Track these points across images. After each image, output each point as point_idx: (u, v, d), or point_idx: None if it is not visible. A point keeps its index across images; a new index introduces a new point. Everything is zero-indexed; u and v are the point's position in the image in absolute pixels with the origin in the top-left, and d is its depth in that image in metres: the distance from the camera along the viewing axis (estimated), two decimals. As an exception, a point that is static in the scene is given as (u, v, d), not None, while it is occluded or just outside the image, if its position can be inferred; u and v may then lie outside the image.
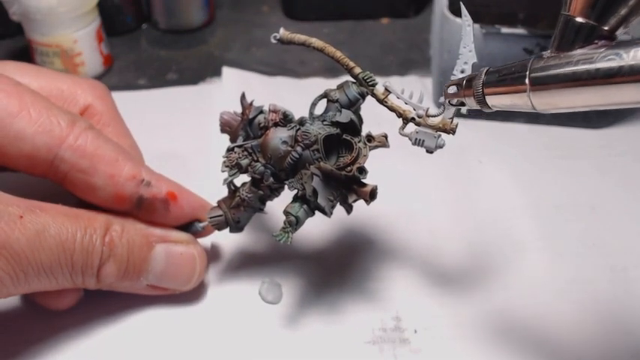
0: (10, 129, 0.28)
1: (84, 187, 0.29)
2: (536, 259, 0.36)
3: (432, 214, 0.39)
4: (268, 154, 0.30)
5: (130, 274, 0.30)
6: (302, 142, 0.29)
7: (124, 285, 0.30)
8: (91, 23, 0.49)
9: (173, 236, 0.31)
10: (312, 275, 0.35)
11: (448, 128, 0.28)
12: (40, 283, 0.27)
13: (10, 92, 0.28)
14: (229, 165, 0.31)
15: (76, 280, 0.28)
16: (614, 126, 0.46)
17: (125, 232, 0.29)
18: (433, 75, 0.49)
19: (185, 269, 0.31)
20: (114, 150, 0.30)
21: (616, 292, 0.34)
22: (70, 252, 0.27)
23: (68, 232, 0.27)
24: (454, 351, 0.32)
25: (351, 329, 0.32)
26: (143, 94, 0.49)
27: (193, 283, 0.32)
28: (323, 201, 0.29)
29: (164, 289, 0.32)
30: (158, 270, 0.31)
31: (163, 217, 0.31)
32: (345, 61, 0.29)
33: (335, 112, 0.30)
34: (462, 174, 0.42)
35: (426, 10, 0.60)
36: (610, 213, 0.39)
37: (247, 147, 0.31)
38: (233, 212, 0.32)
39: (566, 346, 0.32)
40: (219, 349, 0.31)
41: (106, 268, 0.29)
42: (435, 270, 0.35)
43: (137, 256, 0.30)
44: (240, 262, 0.35)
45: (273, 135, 0.30)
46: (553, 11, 0.47)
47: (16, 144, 0.28)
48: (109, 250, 0.28)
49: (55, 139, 0.28)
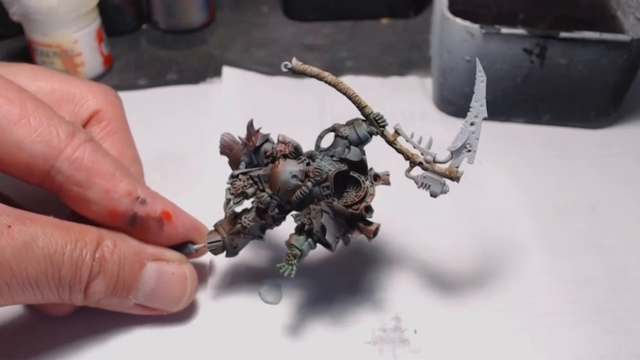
0: (8, 137, 0.27)
1: (78, 200, 0.29)
2: (536, 259, 0.36)
3: (431, 214, 0.39)
4: (277, 186, 0.30)
5: (119, 291, 0.29)
6: (313, 178, 0.29)
7: (112, 303, 0.29)
8: (91, 23, 0.49)
9: (166, 255, 0.31)
10: (312, 276, 0.35)
11: (454, 176, 0.29)
12: (24, 296, 0.26)
13: (13, 99, 0.28)
14: (234, 193, 0.30)
15: (62, 295, 0.27)
16: (614, 126, 0.46)
17: (117, 248, 0.29)
18: (433, 75, 0.49)
19: (176, 289, 0.31)
20: (111, 164, 0.29)
21: (616, 292, 0.34)
22: (58, 265, 0.27)
23: (57, 245, 0.27)
24: (454, 351, 0.32)
25: (350, 329, 0.32)
26: (143, 94, 0.49)
27: (182, 305, 0.32)
28: (330, 238, 0.29)
29: (152, 310, 0.31)
30: (148, 289, 0.30)
31: (157, 237, 0.30)
32: (357, 100, 0.29)
33: (343, 148, 0.30)
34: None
35: (426, 10, 0.60)
36: (610, 213, 0.39)
37: (253, 176, 0.30)
38: (232, 238, 0.31)
39: (566, 346, 0.32)
40: (219, 348, 0.31)
41: (94, 284, 0.28)
42: (434, 270, 0.36)
43: (128, 273, 0.29)
44: (241, 263, 0.35)
45: (283, 168, 0.30)
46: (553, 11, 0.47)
47: (13, 152, 0.27)
48: (99, 265, 0.28)
49: (52, 150, 0.28)
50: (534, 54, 0.42)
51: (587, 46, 0.41)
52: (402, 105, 0.48)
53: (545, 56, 0.42)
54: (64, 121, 0.29)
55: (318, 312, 0.33)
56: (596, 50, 0.41)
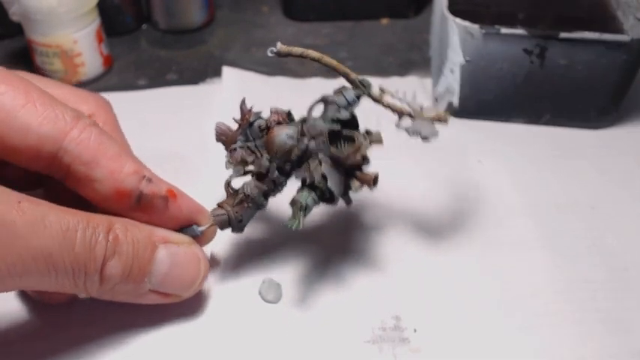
0: (16, 120, 0.28)
1: (85, 180, 0.29)
2: (536, 258, 0.36)
3: (431, 214, 0.39)
4: (274, 150, 0.30)
5: (135, 274, 0.29)
6: (309, 134, 0.30)
7: (127, 289, 0.29)
8: (90, 23, 0.49)
9: (175, 237, 0.31)
10: (312, 274, 0.35)
11: (443, 118, 0.31)
12: (38, 276, 0.26)
13: (17, 86, 0.28)
14: (234, 162, 0.31)
15: (78, 278, 0.27)
16: (614, 126, 0.46)
17: (129, 231, 0.29)
18: (433, 75, 0.49)
19: (189, 271, 0.31)
20: (117, 146, 0.30)
21: (616, 292, 0.34)
22: (71, 242, 0.26)
23: (69, 223, 0.26)
24: (454, 351, 0.32)
25: (350, 328, 0.32)
26: (143, 94, 0.49)
27: (196, 287, 0.32)
28: (333, 186, 0.30)
29: (166, 296, 0.31)
30: (162, 271, 0.30)
31: (162, 215, 0.31)
32: (341, 68, 0.31)
33: (334, 111, 0.31)
34: (462, 174, 0.42)
35: (426, 10, 0.60)
36: (610, 213, 0.39)
37: (250, 146, 0.31)
38: (236, 210, 0.32)
39: (566, 346, 0.32)
40: (218, 348, 0.31)
41: (110, 266, 0.28)
42: (435, 269, 0.36)
43: (142, 255, 0.29)
44: (240, 262, 0.35)
45: (279, 132, 0.31)
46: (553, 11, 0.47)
47: (21, 135, 0.28)
48: (113, 246, 0.28)
49: (59, 132, 0.28)
50: (534, 54, 0.42)
51: (587, 46, 0.41)
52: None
53: (545, 56, 0.42)
54: (68, 107, 0.29)
55: (317, 311, 0.33)
56: (596, 50, 0.41)
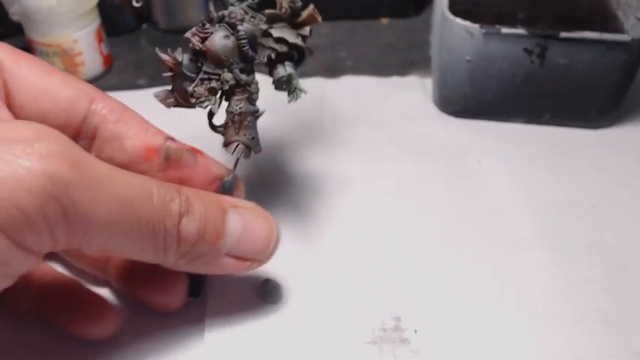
0: (46, 85, 0.29)
1: (114, 138, 0.30)
2: (536, 258, 0.36)
3: (431, 214, 0.39)
4: (224, 58, 0.30)
5: (210, 234, 0.28)
6: (235, 22, 0.30)
7: (204, 251, 0.28)
8: (90, 23, 0.49)
9: (241, 202, 0.30)
10: (312, 275, 0.35)
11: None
12: (121, 232, 0.25)
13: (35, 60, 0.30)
14: (203, 96, 0.31)
15: (158, 233, 0.26)
16: (614, 126, 0.46)
17: (198, 193, 0.28)
18: (433, 75, 0.49)
19: (262, 232, 0.30)
20: (135, 112, 0.31)
21: (616, 292, 0.34)
22: (149, 194, 0.25)
23: (143, 178, 0.26)
24: (454, 351, 0.32)
25: (350, 329, 0.32)
26: (143, 93, 0.49)
27: (271, 249, 0.30)
28: (292, 38, 0.30)
29: (243, 262, 0.30)
30: (236, 233, 0.29)
31: (192, 170, 0.31)
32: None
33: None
34: (462, 174, 0.42)
35: (426, 10, 0.60)
36: (610, 212, 0.39)
37: (202, 77, 0.31)
38: (243, 133, 0.31)
39: (566, 346, 0.32)
40: (219, 348, 0.31)
41: (185, 224, 0.27)
42: (435, 270, 0.36)
43: (214, 216, 0.28)
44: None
45: (211, 44, 0.30)
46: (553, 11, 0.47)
47: (52, 98, 0.29)
48: (186, 204, 0.27)
49: (87, 95, 0.30)
50: (534, 54, 0.42)
51: (588, 46, 0.41)
52: (402, 105, 0.48)
53: (546, 56, 0.42)
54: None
55: (318, 312, 0.33)
56: (596, 50, 0.41)
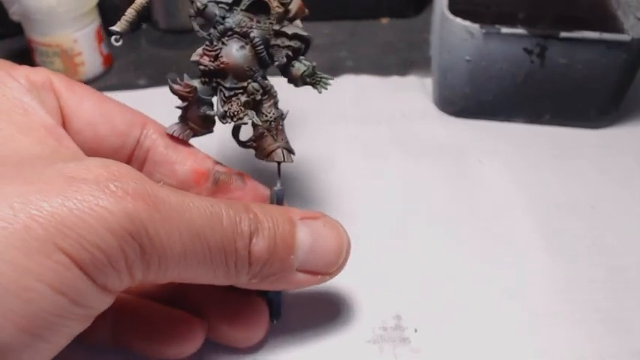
0: (101, 111, 0.30)
1: (165, 162, 0.30)
2: (536, 258, 0.36)
3: (431, 214, 0.39)
4: (246, 68, 0.30)
5: (280, 251, 0.27)
6: (247, 30, 0.29)
7: (275, 268, 0.27)
8: (90, 23, 0.49)
9: (310, 212, 0.29)
10: (312, 275, 0.35)
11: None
12: (194, 261, 0.25)
13: (92, 89, 0.31)
14: (241, 112, 0.30)
15: (229, 257, 0.26)
16: (614, 126, 0.46)
17: (266, 209, 0.27)
18: (433, 75, 0.49)
19: (333, 242, 0.29)
20: None
21: (616, 292, 0.34)
22: (219, 217, 0.25)
23: (212, 201, 0.25)
24: (454, 350, 0.32)
25: (351, 328, 0.32)
26: (143, 93, 0.49)
27: (343, 260, 0.30)
28: (302, 32, 0.30)
29: (314, 275, 0.29)
30: (307, 245, 0.28)
31: (242, 193, 0.31)
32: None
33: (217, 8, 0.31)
34: (462, 174, 0.42)
35: (426, 10, 0.60)
36: (610, 212, 0.39)
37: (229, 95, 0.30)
38: (281, 137, 0.31)
39: (566, 346, 0.32)
40: (219, 348, 0.31)
41: (256, 243, 0.26)
42: (435, 269, 0.36)
43: (283, 230, 0.27)
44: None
45: (229, 57, 0.30)
46: (553, 11, 0.47)
47: (108, 123, 0.30)
48: (255, 222, 0.26)
49: (140, 120, 0.31)
50: (534, 54, 0.42)
51: (587, 46, 0.41)
52: (402, 105, 0.48)
53: (546, 56, 0.42)
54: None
55: (318, 311, 0.33)
56: (596, 50, 0.41)
